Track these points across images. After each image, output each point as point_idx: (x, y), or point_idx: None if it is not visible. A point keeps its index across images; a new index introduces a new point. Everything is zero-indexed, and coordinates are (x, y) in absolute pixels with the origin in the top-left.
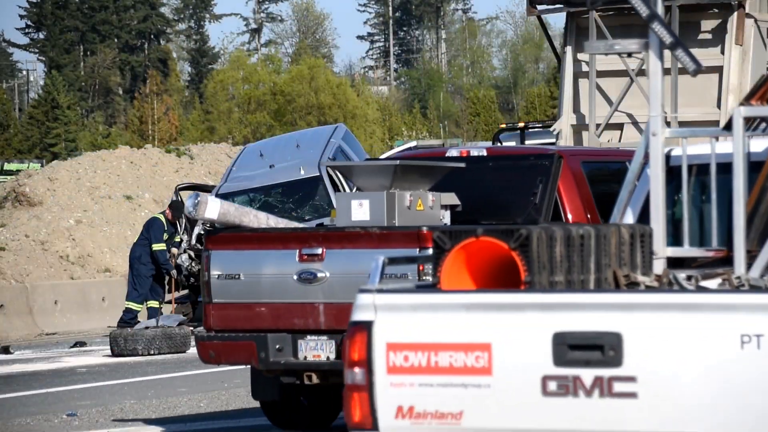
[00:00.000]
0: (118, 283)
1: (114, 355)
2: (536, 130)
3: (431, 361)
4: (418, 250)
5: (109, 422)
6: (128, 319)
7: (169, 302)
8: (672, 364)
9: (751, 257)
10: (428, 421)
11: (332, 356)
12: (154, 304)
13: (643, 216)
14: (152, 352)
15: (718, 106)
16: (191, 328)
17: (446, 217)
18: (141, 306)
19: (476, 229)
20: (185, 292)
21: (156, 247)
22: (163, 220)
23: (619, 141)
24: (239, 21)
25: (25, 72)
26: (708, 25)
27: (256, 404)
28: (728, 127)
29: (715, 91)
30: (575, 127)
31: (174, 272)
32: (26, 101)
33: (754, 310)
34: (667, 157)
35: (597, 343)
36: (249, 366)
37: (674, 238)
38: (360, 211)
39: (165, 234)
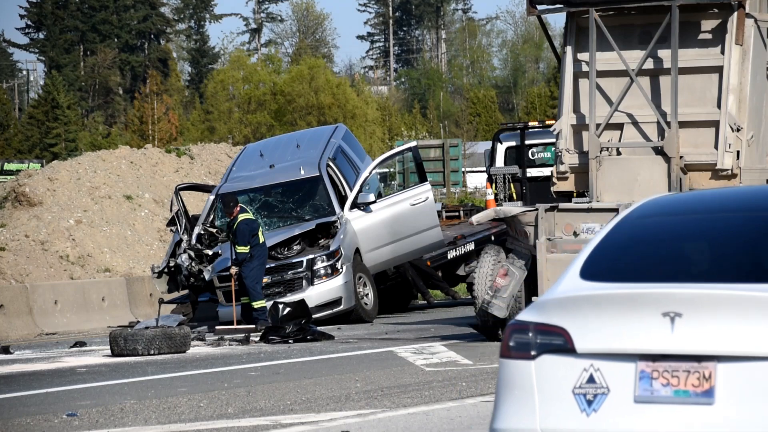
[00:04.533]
0: (118, 283)
1: (114, 355)
2: (536, 130)
3: None
4: None
5: (109, 422)
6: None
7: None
8: None
9: None
10: None
11: None
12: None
13: None
14: (152, 352)
15: (718, 106)
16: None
17: None
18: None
19: None
20: (185, 292)
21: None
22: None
23: (619, 141)
24: (239, 21)
25: (25, 72)
26: (708, 25)
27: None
28: None
29: (715, 91)
30: (575, 127)
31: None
32: (26, 101)
33: None
34: None
35: None
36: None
37: None
38: None
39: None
